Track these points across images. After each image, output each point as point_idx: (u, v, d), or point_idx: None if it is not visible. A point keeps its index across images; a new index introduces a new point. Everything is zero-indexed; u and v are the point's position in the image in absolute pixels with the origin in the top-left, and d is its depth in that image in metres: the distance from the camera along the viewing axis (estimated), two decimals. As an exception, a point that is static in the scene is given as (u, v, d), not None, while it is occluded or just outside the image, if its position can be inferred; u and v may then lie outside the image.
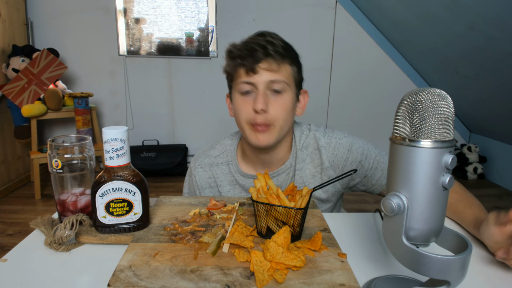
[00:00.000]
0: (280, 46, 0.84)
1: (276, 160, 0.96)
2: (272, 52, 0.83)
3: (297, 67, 0.90)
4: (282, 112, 0.86)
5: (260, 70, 0.83)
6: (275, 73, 0.84)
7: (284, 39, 0.89)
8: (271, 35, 0.87)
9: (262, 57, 0.82)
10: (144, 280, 0.52)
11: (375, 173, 0.93)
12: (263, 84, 0.84)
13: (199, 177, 1.02)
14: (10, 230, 2.35)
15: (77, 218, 0.66)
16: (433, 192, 0.46)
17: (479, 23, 2.17)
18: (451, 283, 0.46)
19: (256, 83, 0.84)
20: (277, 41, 0.85)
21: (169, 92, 3.58)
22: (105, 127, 0.63)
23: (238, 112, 0.89)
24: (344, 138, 0.95)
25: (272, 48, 0.83)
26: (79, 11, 3.33)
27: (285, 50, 0.85)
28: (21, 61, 2.92)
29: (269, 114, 0.85)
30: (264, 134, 0.86)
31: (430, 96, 0.45)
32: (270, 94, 0.85)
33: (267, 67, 0.83)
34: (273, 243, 0.57)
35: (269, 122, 0.85)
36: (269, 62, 0.83)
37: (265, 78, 0.84)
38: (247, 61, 0.83)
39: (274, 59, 0.83)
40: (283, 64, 0.85)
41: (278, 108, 0.85)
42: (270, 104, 0.85)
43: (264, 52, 0.82)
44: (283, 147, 0.95)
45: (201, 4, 3.46)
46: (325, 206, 0.98)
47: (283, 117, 0.86)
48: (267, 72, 0.83)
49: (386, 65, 3.55)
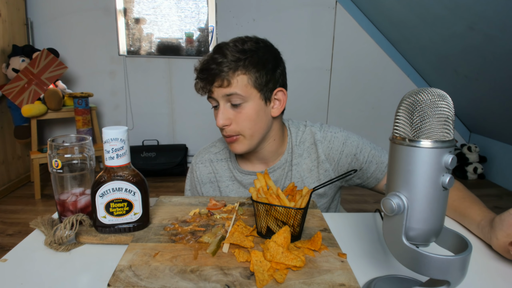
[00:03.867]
0: (230, 60, 0.84)
1: (270, 156, 0.98)
2: (218, 70, 0.84)
3: (259, 71, 0.85)
4: (245, 122, 0.87)
5: (214, 89, 0.86)
6: (227, 88, 0.85)
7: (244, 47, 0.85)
8: (226, 47, 0.86)
9: (213, 78, 0.85)
10: (144, 280, 0.52)
11: (370, 166, 0.95)
12: (222, 100, 0.87)
13: (199, 172, 1.05)
14: (10, 230, 2.35)
15: (77, 218, 0.66)
16: (433, 192, 0.46)
17: (479, 23, 2.17)
18: (451, 283, 0.46)
19: (217, 99, 0.88)
20: (230, 53, 0.84)
21: (169, 92, 3.58)
22: (105, 127, 0.63)
23: None
24: (340, 132, 0.98)
25: (218, 67, 0.84)
26: (79, 11, 3.33)
27: (236, 62, 0.84)
28: (21, 61, 2.92)
29: (232, 127, 0.88)
30: (234, 144, 0.91)
31: (430, 96, 0.45)
32: (230, 107, 0.88)
33: (219, 84, 0.85)
34: (273, 243, 0.57)
35: (234, 133, 0.89)
36: (219, 81, 0.85)
37: (221, 96, 0.86)
38: (203, 83, 0.87)
39: (223, 76, 0.84)
40: (233, 77, 0.84)
41: (240, 120, 0.87)
42: (233, 116, 0.87)
43: (213, 72, 0.84)
44: (271, 144, 0.96)
45: (201, 4, 3.46)
46: (323, 200, 1.00)
47: (249, 126, 0.88)
48: (220, 89, 0.85)
49: (386, 65, 3.55)
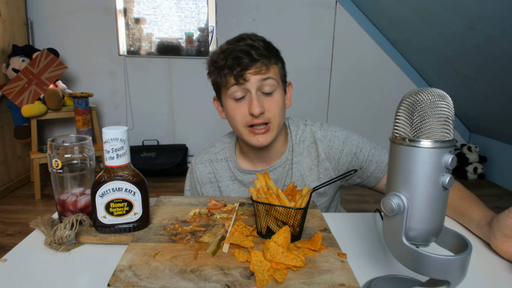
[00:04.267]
0: (263, 48, 0.86)
1: (273, 154, 0.99)
2: (257, 56, 0.84)
3: (281, 63, 0.93)
4: (277, 110, 0.88)
5: (249, 76, 0.85)
6: (264, 75, 0.86)
7: (264, 38, 0.90)
8: (251, 38, 0.88)
9: (250, 63, 0.84)
10: (144, 280, 0.52)
11: (370, 165, 0.95)
12: (255, 88, 0.86)
13: (199, 172, 1.04)
14: (10, 230, 2.35)
15: (77, 218, 0.66)
16: (433, 192, 0.46)
17: (479, 23, 2.17)
18: (451, 283, 0.46)
19: (248, 88, 0.86)
20: (258, 43, 0.87)
21: (169, 92, 3.58)
22: (105, 127, 0.63)
23: (233, 117, 0.90)
24: (340, 131, 0.98)
25: (256, 52, 0.84)
26: (79, 11, 3.33)
27: (267, 51, 0.87)
28: (21, 61, 2.92)
29: (265, 114, 0.87)
30: (263, 135, 0.89)
31: (430, 96, 0.45)
32: (261, 95, 0.88)
33: (256, 71, 0.85)
34: (273, 243, 0.57)
35: (267, 121, 0.88)
36: (257, 67, 0.84)
37: (256, 83, 0.86)
38: (235, 70, 0.85)
39: (262, 62, 0.85)
40: (270, 64, 0.87)
41: (272, 107, 0.88)
42: (264, 104, 0.87)
43: (250, 58, 0.84)
44: (279, 140, 0.98)
45: (201, 4, 3.46)
46: (322, 199, 1.00)
47: (279, 114, 0.89)
48: (256, 76, 0.85)
49: (386, 65, 3.55)
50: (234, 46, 0.86)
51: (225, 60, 0.86)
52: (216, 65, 0.88)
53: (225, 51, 0.87)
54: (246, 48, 0.84)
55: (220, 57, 0.87)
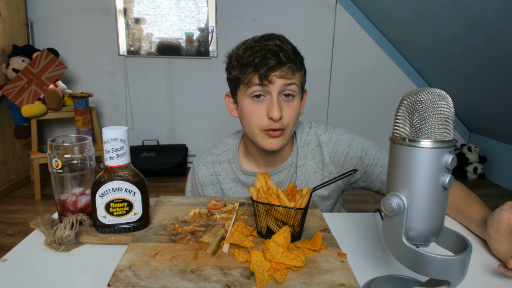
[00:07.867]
0: (291, 52, 0.83)
1: (279, 158, 0.97)
2: (285, 59, 0.81)
3: (304, 71, 0.90)
4: (293, 116, 0.86)
5: (274, 78, 0.81)
6: (289, 80, 0.83)
7: (291, 43, 0.87)
8: (280, 39, 0.85)
9: (277, 65, 0.81)
10: (144, 280, 0.52)
11: (375, 169, 0.94)
12: (277, 92, 0.83)
13: (201, 174, 1.03)
14: (10, 230, 2.35)
15: (77, 218, 0.66)
16: (433, 192, 0.46)
17: (479, 23, 2.17)
18: (451, 283, 0.46)
19: (270, 90, 0.83)
20: (287, 46, 0.84)
21: (169, 92, 3.58)
22: (105, 127, 0.63)
23: (249, 117, 0.87)
24: (345, 134, 0.96)
25: (285, 55, 0.81)
26: (79, 11, 3.33)
27: (295, 56, 0.84)
28: (21, 61, 2.92)
29: (283, 120, 0.85)
30: (277, 138, 0.86)
31: (430, 96, 0.45)
32: (281, 99, 0.85)
33: (282, 75, 0.82)
34: (273, 243, 0.57)
35: (283, 127, 0.85)
36: (283, 70, 0.81)
37: (279, 86, 0.83)
38: (262, 70, 0.81)
39: (288, 67, 0.82)
40: (296, 70, 0.84)
41: (290, 113, 0.85)
42: (283, 110, 0.84)
43: (278, 60, 0.80)
44: (287, 145, 0.96)
45: (201, 4, 3.46)
46: (326, 203, 0.99)
47: (294, 121, 0.87)
48: (281, 80, 0.82)
49: (386, 65, 3.55)
50: (263, 45, 0.82)
51: (252, 57, 0.82)
52: (242, 61, 0.83)
53: (253, 48, 0.83)
54: (275, 49, 0.81)
55: (246, 53, 0.83)
